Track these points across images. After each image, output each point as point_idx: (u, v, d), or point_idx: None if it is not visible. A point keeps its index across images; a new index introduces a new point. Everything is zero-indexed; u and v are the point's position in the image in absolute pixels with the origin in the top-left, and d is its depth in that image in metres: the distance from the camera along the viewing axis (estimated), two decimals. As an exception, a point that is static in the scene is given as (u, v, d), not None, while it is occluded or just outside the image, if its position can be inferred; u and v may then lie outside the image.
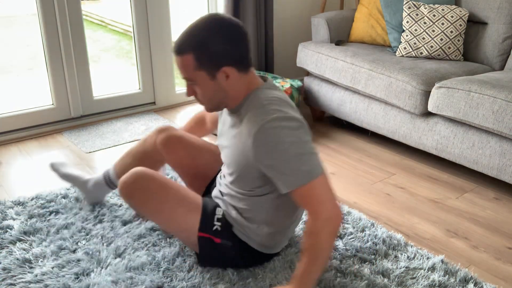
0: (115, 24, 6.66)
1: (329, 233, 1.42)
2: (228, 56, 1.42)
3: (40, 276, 1.66)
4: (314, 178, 1.40)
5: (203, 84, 1.45)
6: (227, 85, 1.46)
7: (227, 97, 1.50)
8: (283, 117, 1.40)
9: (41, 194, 2.18)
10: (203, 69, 1.42)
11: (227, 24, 1.41)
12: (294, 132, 1.40)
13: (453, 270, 1.71)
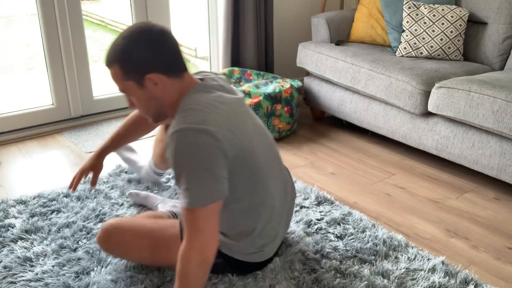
0: (115, 24, 6.66)
1: (198, 264, 1.34)
2: (152, 63, 1.38)
3: (40, 274, 1.66)
4: (198, 206, 1.33)
5: (135, 93, 1.44)
6: (158, 92, 1.42)
7: (162, 105, 1.46)
8: (192, 129, 1.32)
9: (43, 193, 2.18)
10: (130, 79, 1.41)
11: (150, 31, 1.38)
12: (195, 151, 1.32)
13: (454, 272, 1.71)
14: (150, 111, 1.49)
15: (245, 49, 3.33)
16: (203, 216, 1.34)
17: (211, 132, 1.34)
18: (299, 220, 2.01)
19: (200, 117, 1.35)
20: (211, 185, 1.33)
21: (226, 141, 1.37)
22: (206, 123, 1.34)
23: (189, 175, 1.32)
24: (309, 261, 1.75)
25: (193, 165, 1.32)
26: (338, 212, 2.07)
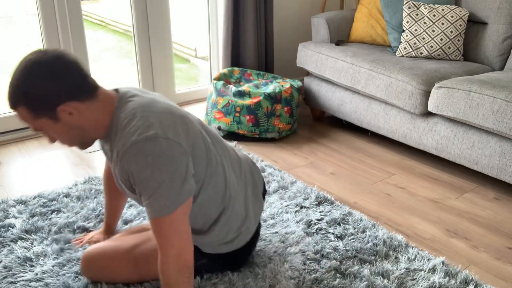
0: (115, 24, 6.66)
1: (178, 271, 1.33)
2: (59, 94, 1.27)
3: (40, 274, 1.66)
4: (167, 214, 1.30)
5: (52, 129, 1.34)
6: (76, 121, 1.33)
7: (87, 130, 1.37)
8: (145, 140, 1.28)
9: (43, 193, 2.18)
10: (42, 116, 1.30)
11: (46, 61, 1.26)
12: (156, 159, 1.28)
13: (454, 272, 1.71)
14: (75, 141, 1.40)
15: (245, 49, 3.33)
16: (173, 221, 1.31)
17: (164, 135, 1.30)
18: (299, 220, 2.01)
19: (147, 125, 1.30)
20: (177, 189, 1.30)
21: (180, 137, 1.34)
22: (155, 128, 1.30)
23: (155, 185, 1.28)
24: (309, 261, 1.75)
25: (157, 174, 1.28)
26: (338, 212, 2.07)
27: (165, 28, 3.24)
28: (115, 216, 1.86)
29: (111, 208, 1.83)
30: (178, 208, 1.31)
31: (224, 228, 1.55)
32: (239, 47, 3.34)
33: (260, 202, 1.70)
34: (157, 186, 1.28)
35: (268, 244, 1.86)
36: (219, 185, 1.50)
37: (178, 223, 1.32)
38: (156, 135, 1.29)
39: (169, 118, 1.36)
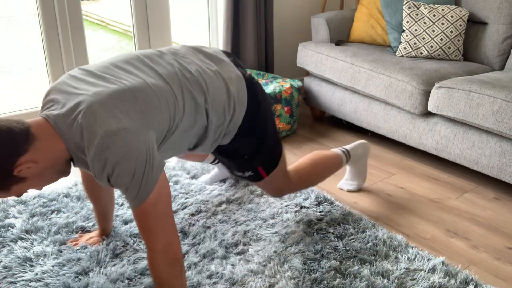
0: (115, 24, 6.66)
1: (168, 265, 1.34)
2: (7, 161, 1.23)
3: (40, 274, 1.66)
4: (143, 199, 1.30)
5: (28, 187, 1.32)
6: (38, 167, 1.29)
7: (54, 164, 1.33)
8: (100, 144, 1.25)
9: (43, 193, 2.18)
10: (11, 186, 1.28)
11: None
12: (115, 156, 1.26)
13: (454, 272, 1.71)
14: (54, 178, 1.38)
15: (245, 49, 3.33)
16: (154, 207, 1.31)
17: (114, 128, 1.26)
18: (299, 220, 2.01)
19: (94, 129, 1.26)
20: (147, 172, 1.29)
21: (130, 119, 1.30)
22: (103, 127, 1.26)
23: (127, 178, 1.27)
24: (309, 261, 1.75)
25: (125, 167, 1.26)
26: (338, 212, 2.07)
27: (165, 28, 3.23)
28: (107, 218, 1.85)
29: (100, 212, 1.83)
30: (154, 188, 1.30)
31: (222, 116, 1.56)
32: (239, 47, 3.34)
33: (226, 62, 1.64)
34: (130, 178, 1.27)
35: (268, 244, 1.86)
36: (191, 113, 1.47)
37: (159, 208, 1.32)
38: (107, 132, 1.25)
39: (112, 105, 1.30)
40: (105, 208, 1.82)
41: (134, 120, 1.30)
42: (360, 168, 2.28)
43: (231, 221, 2.01)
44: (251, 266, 1.72)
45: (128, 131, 1.27)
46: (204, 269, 1.71)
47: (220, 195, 2.20)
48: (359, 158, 2.21)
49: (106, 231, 1.88)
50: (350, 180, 2.33)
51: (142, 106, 1.33)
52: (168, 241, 1.34)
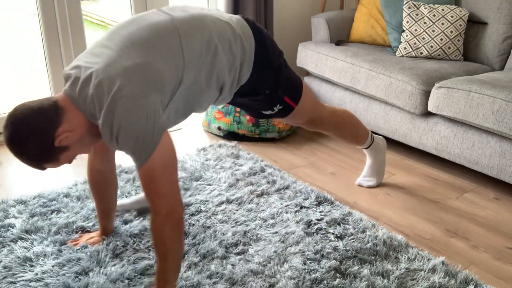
0: (115, 24, 6.65)
1: (171, 229, 1.41)
2: (44, 139, 1.37)
3: (40, 274, 1.66)
4: (150, 154, 1.37)
5: (73, 154, 1.45)
6: (75, 135, 1.42)
7: (88, 131, 1.44)
8: (110, 109, 1.34)
9: (43, 193, 2.18)
10: (58, 155, 1.41)
11: (16, 131, 1.37)
12: (124, 120, 1.34)
13: (454, 272, 1.71)
14: (93, 142, 1.49)
15: (245, 49, 3.33)
16: (159, 168, 1.37)
17: (123, 93, 1.34)
18: (299, 220, 2.01)
19: (111, 89, 1.35)
20: (150, 131, 1.36)
21: (141, 85, 1.37)
22: (114, 92, 1.34)
23: (130, 138, 1.35)
24: (309, 261, 1.75)
25: (130, 128, 1.34)
26: (338, 212, 2.07)
27: (165, 28, 3.23)
28: (108, 217, 1.86)
29: (102, 210, 1.84)
30: (156, 149, 1.37)
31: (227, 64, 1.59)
32: (239, 47, 3.34)
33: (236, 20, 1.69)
34: (132, 140, 1.35)
35: (268, 244, 1.86)
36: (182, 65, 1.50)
37: (164, 172, 1.39)
38: (111, 100, 1.34)
39: (116, 74, 1.37)
40: (108, 205, 1.83)
41: (136, 85, 1.36)
42: (378, 163, 2.34)
43: (231, 221, 2.01)
44: (251, 266, 1.72)
45: (130, 97, 1.34)
46: (204, 269, 1.71)
47: (220, 195, 2.20)
48: (379, 150, 2.29)
49: (107, 230, 1.88)
50: (369, 176, 2.37)
51: (144, 72, 1.39)
52: (172, 205, 1.40)
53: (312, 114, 1.96)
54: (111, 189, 1.82)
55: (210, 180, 2.34)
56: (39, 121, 1.36)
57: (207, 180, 2.35)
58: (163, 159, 1.39)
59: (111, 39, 1.48)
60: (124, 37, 1.47)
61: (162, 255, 1.44)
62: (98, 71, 1.38)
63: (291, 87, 1.81)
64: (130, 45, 1.44)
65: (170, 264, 1.46)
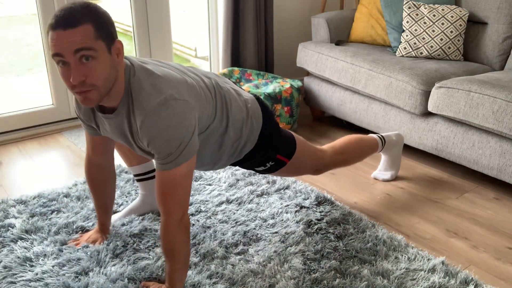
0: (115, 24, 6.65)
1: (182, 232, 1.49)
2: (115, 32, 1.40)
3: (40, 274, 1.66)
4: (182, 162, 1.42)
5: (102, 57, 1.33)
6: (118, 64, 1.39)
7: (117, 77, 1.40)
8: (156, 107, 1.37)
9: (43, 193, 2.18)
10: (102, 40, 1.33)
11: (101, 8, 1.41)
12: (179, 119, 1.39)
13: (454, 272, 1.71)
14: (105, 84, 1.37)
15: (245, 49, 3.33)
16: (184, 176, 1.44)
17: (173, 97, 1.39)
18: (299, 220, 2.01)
19: (156, 92, 1.39)
20: (187, 145, 1.42)
21: (193, 100, 1.45)
22: (163, 93, 1.39)
23: (174, 141, 1.39)
24: (309, 261, 1.75)
25: (177, 131, 1.38)
26: (338, 212, 2.07)
27: (165, 28, 3.23)
28: (106, 213, 1.87)
29: (101, 206, 1.85)
30: (190, 159, 1.44)
31: (239, 117, 1.68)
32: (239, 47, 3.34)
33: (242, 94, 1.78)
34: (177, 144, 1.39)
35: (268, 244, 1.86)
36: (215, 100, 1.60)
37: (183, 179, 1.45)
38: (170, 96, 1.39)
39: (177, 84, 1.45)
40: (106, 201, 1.84)
41: (191, 98, 1.45)
42: (393, 157, 2.40)
43: (231, 221, 2.01)
44: (251, 266, 1.72)
45: (188, 103, 1.42)
46: (204, 269, 1.71)
47: (220, 195, 2.20)
48: (393, 146, 2.33)
49: (105, 226, 1.88)
50: (384, 170, 2.43)
51: (194, 95, 1.48)
52: (184, 211, 1.48)
53: (314, 166, 1.99)
54: (109, 184, 1.82)
55: (210, 180, 2.34)
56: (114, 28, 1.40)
57: (207, 180, 2.35)
58: (188, 169, 1.45)
59: (161, 64, 1.57)
60: (174, 66, 1.58)
61: (173, 257, 1.51)
62: (159, 70, 1.47)
63: (283, 147, 1.85)
64: (182, 69, 1.58)
65: (180, 265, 1.53)
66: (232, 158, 1.75)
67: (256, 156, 1.80)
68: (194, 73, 1.61)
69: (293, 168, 1.92)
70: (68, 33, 1.28)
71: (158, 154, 1.41)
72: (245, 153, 1.76)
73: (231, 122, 1.64)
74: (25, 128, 2.93)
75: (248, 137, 1.72)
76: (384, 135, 2.30)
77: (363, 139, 2.18)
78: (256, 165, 1.86)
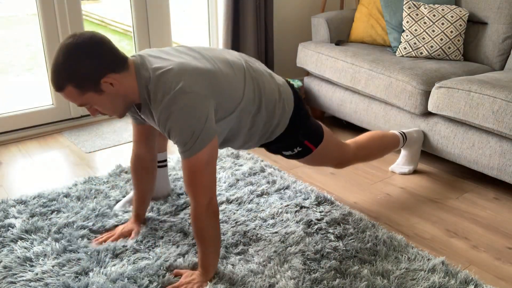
0: (115, 24, 6.66)
1: (210, 217, 1.55)
2: (100, 69, 1.45)
3: (40, 274, 1.66)
4: (196, 152, 1.49)
5: (97, 102, 1.52)
6: (118, 90, 1.50)
7: (127, 96, 1.54)
8: (172, 98, 1.46)
9: (43, 193, 2.18)
10: (88, 91, 1.47)
11: (82, 43, 1.43)
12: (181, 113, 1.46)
13: (454, 272, 1.71)
14: (117, 109, 1.57)
15: (245, 49, 3.32)
16: (206, 163, 1.50)
17: (186, 89, 1.47)
18: (299, 220, 2.01)
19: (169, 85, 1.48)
20: (203, 131, 1.48)
21: (206, 90, 1.51)
22: (178, 84, 1.47)
23: (187, 133, 1.47)
24: (309, 261, 1.75)
25: (187, 124, 1.47)
26: (338, 212, 2.07)
27: (165, 28, 3.24)
28: (144, 202, 1.95)
29: (139, 196, 1.93)
30: (206, 146, 1.49)
31: (276, 109, 1.74)
32: (239, 47, 3.34)
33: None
34: (188, 133, 1.47)
35: (268, 244, 1.86)
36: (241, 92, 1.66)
37: (204, 165, 1.51)
38: (180, 90, 1.47)
39: (189, 74, 1.52)
40: (144, 191, 1.93)
41: (203, 89, 1.51)
42: (413, 153, 2.46)
43: (231, 221, 2.01)
44: (251, 266, 1.72)
45: (197, 94, 1.48)
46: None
47: (220, 195, 2.20)
48: (413, 142, 2.41)
49: (139, 216, 1.95)
50: (402, 164, 2.49)
51: (212, 82, 1.55)
52: (211, 196, 1.54)
53: (337, 158, 2.05)
54: (148, 176, 1.92)
55: (210, 180, 2.34)
56: (108, 53, 1.46)
57: (207, 180, 2.34)
58: (209, 156, 1.51)
59: (190, 52, 1.65)
60: (200, 52, 1.66)
61: (203, 242, 1.58)
62: (174, 62, 1.53)
63: (311, 133, 1.90)
64: (207, 56, 1.63)
65: (211, 249, 1.60)
66: (263, 139, 1.81)
67: (285, 140, 1.84)
68: (219, 57, 1.66)
69: (318, 157, 1.97)
70: (61, 94, 1.50)
71: (177, 144, 1.51)
72: (276, 135, 1.80)
73: (264, 103, 1.69)
74: (25, 128, 2.93)
75: (280, 119, 1.76)
76: (406, 131, 2.36)
77: (385, 135, 2.23)
78: (284, 149, 1.91)
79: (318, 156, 1.96)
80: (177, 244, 1.84)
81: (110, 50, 1.47)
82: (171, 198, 2.16)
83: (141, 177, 1.91)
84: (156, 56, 1.59)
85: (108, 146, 2.78)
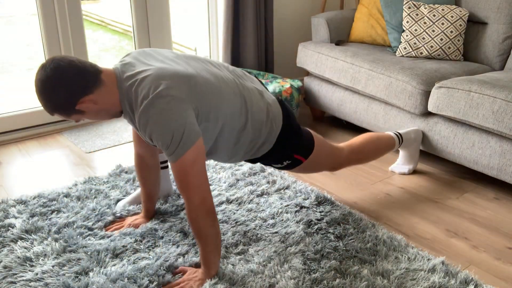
0: (115, 24, 6.66)
1: (205, 216, 1.55)
2: (71, 97, 1.51)
3: (40, 274, 1.66)
4: (186, 150, 1.49)
5: (85, 117, 1.62)
6: (97, 107, 1.57)
7: (109, 109, 1.60)
8: (149, 104, 1.48)
9: (43, 193, 2.18)
10: (72, 114, 1.57)
11: (51, 75, 1.49)
12: (160, 116, 1.47)
13: (454, 272, 1.71)
14: (106, 118, 1.65)
15: (245, 49, 3.33)
16: (192, 164, 1.50)
17: (164, 93, 1.48)
18: (299, 220, 2.01)
19: (147, 90, 1.50)
20: (186, 133, 1.48)
21: (178, 90, 1.51)
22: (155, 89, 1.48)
23: (168, 136, 1.47)
24: (309, 261, 1.75)
25: (167, 127, 1.47)
26: (338, 212, 2.07)
27: (165, 28, 3.24)
28: (152, 199, 1.99)
29: (146, 193, 1.97)
30: (190, 148, 1.49)
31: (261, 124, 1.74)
32: (239, 47, 3.34)
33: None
34: (168, 137, 1.48)
35: (268, 244, 1.86)
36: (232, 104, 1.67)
37: (191, 166, 1.51)
38: (157, 95, 1.48)
39: (169, 78, 1.53)
40: (150, 188, 1.97)
41: (182, 93, 1.51)
42: (411, 153, 2.46)
43: (231, 221, 2.01)
44: (251, 266, 1.72)
45: (175, 98, 1.49)
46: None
47: (220, 195, 2.20)
48: (411, 143, 2.41)
49: (149, 212, 2.01)
50: (401, 164, 2.51)
51: (192, 86, 1.55)
52: (203, 195, 1.54)
53: (330, 164, 2.05)
54: (152, 172, 1.95)
55: (210, 180, 2.34)
56: (75, 80, 1.50)
57: (207, 180, 2.34)
58: (195, 157, 1.51)
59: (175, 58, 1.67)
60: (184, 59, 1.67)
61: (202, 241, 1.59)
62: (153, 68, 1.55)
63: (300, 147, 1.89)
64: (188, 61, 1.66)
65: (211, 248, 1.61)
66: (248, 155, 1.82)
67: (273, 155, 1.85)
68: (205, 67, 1.67)
69: (309, 166, 1.98)
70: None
71: (160, 148, 1.52)
72: (262, 153, 1.82)
73: (251, 121, 1.70)
74: (25, 128, 2.93)
75: (267, 138, 1.77)
76: (402, 132, 2.35)
77: (380, 138, 2.23)
78: (273, 162, 1.92)
79: (309, 165, 1.97)
80: (177, 244, 1.84)
81: (78, 74, 1.51)
82: (171, 198, 2.16)
83: (145, 174, 1.95)
84: (140, 60, 1.61)
85: (108, 146, 2.78)
